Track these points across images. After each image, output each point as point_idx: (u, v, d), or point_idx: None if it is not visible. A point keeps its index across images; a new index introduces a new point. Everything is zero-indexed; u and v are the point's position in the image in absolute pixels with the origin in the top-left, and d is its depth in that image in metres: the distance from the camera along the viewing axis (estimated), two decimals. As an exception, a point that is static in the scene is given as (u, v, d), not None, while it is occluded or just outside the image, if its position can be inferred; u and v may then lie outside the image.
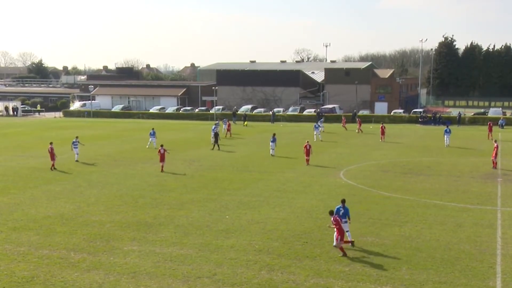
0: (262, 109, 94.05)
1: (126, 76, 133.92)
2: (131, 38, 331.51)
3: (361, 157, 46.13)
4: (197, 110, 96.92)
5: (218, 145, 51.48)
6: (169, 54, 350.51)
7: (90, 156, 46.45)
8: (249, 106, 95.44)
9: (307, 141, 43.94)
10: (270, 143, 47.44)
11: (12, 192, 32.17)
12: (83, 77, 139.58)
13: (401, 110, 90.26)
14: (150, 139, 53.56)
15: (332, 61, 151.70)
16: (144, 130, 68.08)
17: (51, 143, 41.34)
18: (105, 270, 19.41)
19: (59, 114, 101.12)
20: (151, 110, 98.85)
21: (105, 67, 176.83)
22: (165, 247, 21.88)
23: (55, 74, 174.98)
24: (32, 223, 25.43)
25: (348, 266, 19.82)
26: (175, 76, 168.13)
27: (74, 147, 44.38)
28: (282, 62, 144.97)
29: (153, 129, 55.35)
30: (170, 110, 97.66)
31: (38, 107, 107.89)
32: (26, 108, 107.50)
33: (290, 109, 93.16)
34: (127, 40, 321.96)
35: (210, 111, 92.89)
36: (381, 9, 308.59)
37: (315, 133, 59.99)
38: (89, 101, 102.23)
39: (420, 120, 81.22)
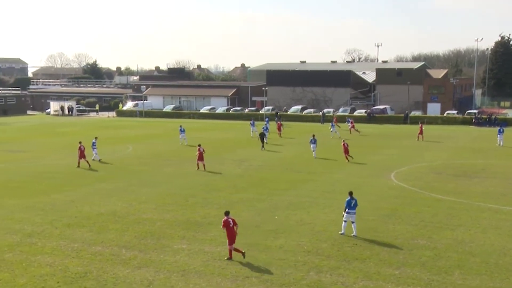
0: (312, 110, 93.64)
1: (178, 76, 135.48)
2: (183, 39, 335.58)
3: (412, 159, 45.36)
4: (246, 110, 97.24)
5: (264, 145, 51.94)
6: (220, 55, 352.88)
7: (142, 156, 47.19)
8: (299, 107, 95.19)
9: (343, 140, 46.34)
10: (311, 145, 47.14)
11: (67, 190, 32.99)
12: (135, 78, 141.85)
13: (455, 111, 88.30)
14: (180, 136, 55.58)
15: (384, 61, 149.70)
16: (195, 130, 68.85)
17: (80, 142, 42.09)
18: (156, 268, 19.69)
19: (112, 114, 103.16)
20: (201, 110, 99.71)
21: (157, 68, 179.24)
22: (214, 246, 22.02)
23: (108, 74, 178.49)
24: (86, 220, 26.02)
25: (399, 269, 19.52)
26: (225, 76, 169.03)
27: (93, 148, 44.75)
28: (333, 62, 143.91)
29: (181, 125, 57.69)
30: (220, 110, 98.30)
31: (97, 107, 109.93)
32: (80, 108, 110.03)
33: (340, 109, 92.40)
34: (179, 41, 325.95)
35: (260, 112, 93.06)
36: (434, 9, 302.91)
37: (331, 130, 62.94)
38: (141, 101, 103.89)
39: (474, 121, 79.27)
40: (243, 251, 20.60)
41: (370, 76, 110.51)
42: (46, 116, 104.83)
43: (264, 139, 52.91)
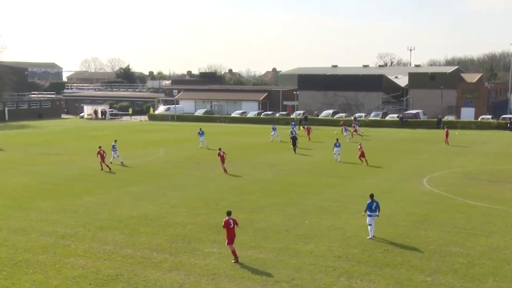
0: (343, 114, 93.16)
1: (209, 80, 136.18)
2: (215, 43, 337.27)
3: (445, 164, 44.74)
4: (278, 114, 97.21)
5: (295, 149, 51.93)
6: (251, 59, 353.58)
7: (173, 159, 47.52)
8: (330, 111, 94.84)
9: (360, 143, 46.68)
10: (334, 148, 46.77)
11: (99, 193, 33.40)
12: (167, 82, 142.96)
13: (489, 116, 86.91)
14: (201, 138, 56.72)
15: (417, 65, 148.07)
16: (226, 134, 69.19)
17: (100, 147, 42.74)
18: (186, 271, 19.77)
19: (144, 118, 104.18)
20: (232, 115, 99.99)
21: (189, 72, 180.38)
22: (244, 250, 22.02)
23: (141, 79, 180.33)
24: (117, 223, 26.29)
25: (431, 276, 19.25)
26: (256, 80, 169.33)
27: (114, 150, 45.18)
28: (365, 66, 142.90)
29: (201, 129, 58.70)
30: (251, 114, 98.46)
31: (130, 111, 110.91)
32: (113, 112, 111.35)
33: (372, 114, 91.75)
34: (211, 45, 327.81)
35: (291, 116, 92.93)
36: (468, 12, 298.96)
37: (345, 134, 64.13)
38: (173, 105, 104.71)
39: (509, 126, 77.86)
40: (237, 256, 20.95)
41: (402, 81, 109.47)
42: (80, 119, 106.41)
43: (296, 142, 52.84)
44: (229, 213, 21.51)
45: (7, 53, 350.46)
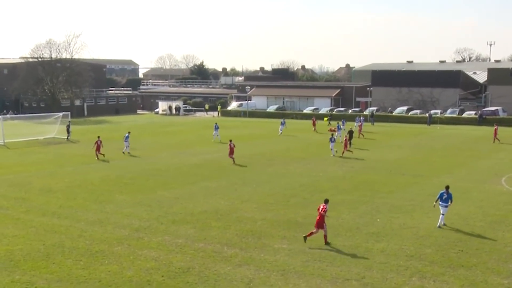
0: (418, 111, 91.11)
1: (282, 77, 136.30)
2: (288, 39, 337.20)
3: (526, 163, 42.97)
4: (350, 111, 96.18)
5: (351, 143, 51.43)
6: (324, 55, 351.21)
7: (245, 155, 47.86)
8: (404, 108, 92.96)
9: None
10: (330, 143, 47.63)
11: (173, 187, 34.09)
12: (240, 78, 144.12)
13: None
14: (214, 132, 58.62)
15: (497, 61, 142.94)
16: (297, 131, 69.01)
17: (98, 137, 46.61)
18: (256, 266, 19.89)
19: (217, 114, 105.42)
20: (304, 111, 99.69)
21: (262, 68, 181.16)
22: (315, 247, 21.94)
23: (214, 75, 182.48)
24: (190, 217, 26.76)
25: (507, 278, 18.55)
26: (329, 77, 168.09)
27: (125, 140, 49.13)
28: (441, 62, 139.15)
29: (216, 123, 60.56)
30: (323, 110, 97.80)
31: (207, 107, 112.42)
32: (187, 108, 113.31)
33: (448, 111, 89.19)
34: (284, 41, 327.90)
35: (364, 112, 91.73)
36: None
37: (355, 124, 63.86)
38: (246, 101, 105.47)
39: None
40: (307, 236, 22.41)
41: (481, 76, 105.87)
42: (155, 115, 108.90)
43: (352, 136, 52.75)
44: (326, 201, 22.93)
45: (87, 51, 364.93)
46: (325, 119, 79.89)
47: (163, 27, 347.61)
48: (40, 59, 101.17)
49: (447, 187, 25.01)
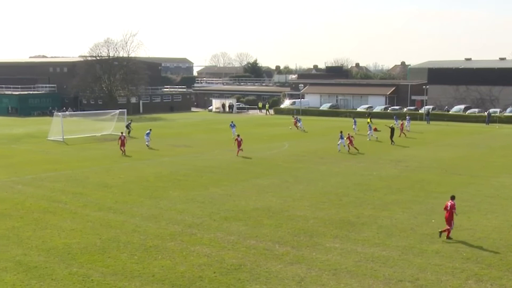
0: (476, 110, 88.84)
1: (335, 75, 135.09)
2: (342, 37, 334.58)
3: None
4: (405, 109, 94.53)
5: (392, 140, 53.06)
6: (379, 53, 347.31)
7: (297, 153, 47.73)
8: (462, 106, 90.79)
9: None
10: (339, 140, 47.96)
11: (225, 184, 34.29)
12: (294, 76, 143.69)
13: None
14: (232, 131, 58.73)
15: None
16: (349, 129, 68.25)
17: (122, 133, 49.46)
18: (307, 265, 19.79)
19: (271, 112, 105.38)
20: (358, 109, 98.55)
21: (315, 66, 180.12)
22: (367, 247, 21.67)
23: (268, 73, 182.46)
24: (242, 214, 26.85)
25: None
26: (384, 75, 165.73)
27: (146, 136, 52.37)
28: (501, 59, 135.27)
29: (232, 121, 61.69)
30: (377, 109, 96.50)
31: (260, 105, 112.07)
32: (240, 106, 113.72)
33: (508, 110, 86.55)
34: (338, 39, 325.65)
35: (419, 111, 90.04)
36: None
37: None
38: (299, 99, 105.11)
39: None
40: (442, 231, 22.87)
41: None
42: (208, 113, 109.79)
43: (393, 133, 53.92)
44: (452, 197, 23.23)
45: (143, 49, 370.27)
46: (368, 120, 77.78)
47: (218, 26, 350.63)
48: (98, 58, 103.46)
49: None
